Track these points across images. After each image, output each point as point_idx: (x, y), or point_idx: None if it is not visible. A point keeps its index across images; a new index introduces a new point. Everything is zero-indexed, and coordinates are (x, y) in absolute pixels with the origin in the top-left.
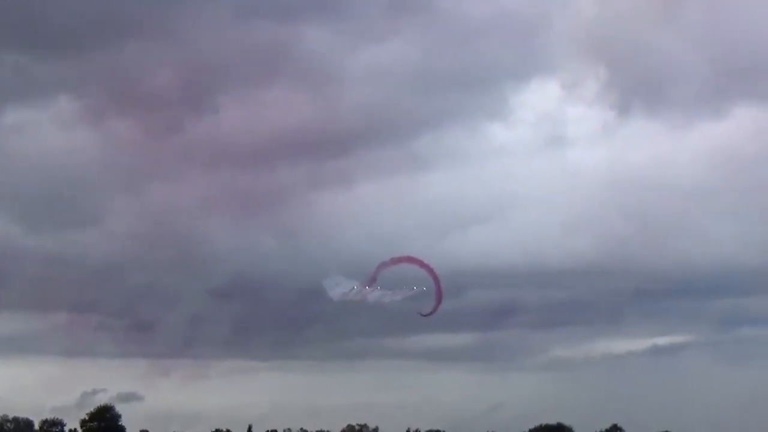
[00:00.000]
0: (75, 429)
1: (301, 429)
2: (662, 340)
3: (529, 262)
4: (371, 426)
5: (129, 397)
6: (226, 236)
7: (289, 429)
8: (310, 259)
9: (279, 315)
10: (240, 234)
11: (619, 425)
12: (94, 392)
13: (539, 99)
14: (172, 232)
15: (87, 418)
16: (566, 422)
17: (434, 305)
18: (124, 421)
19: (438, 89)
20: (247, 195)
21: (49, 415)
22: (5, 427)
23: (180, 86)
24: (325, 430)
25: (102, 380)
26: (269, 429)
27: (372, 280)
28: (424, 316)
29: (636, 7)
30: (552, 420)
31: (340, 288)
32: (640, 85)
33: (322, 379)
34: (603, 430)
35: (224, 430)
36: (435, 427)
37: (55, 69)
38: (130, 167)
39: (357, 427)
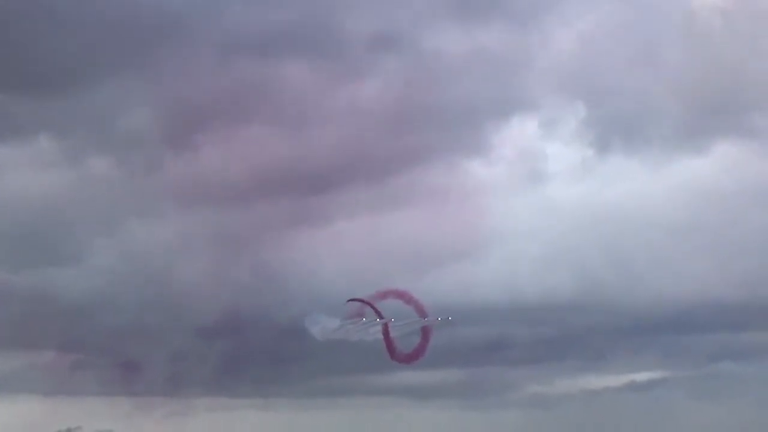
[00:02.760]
0: None
1: None
2: (640, 376)
3: (508, 299)
4: None
5: None
6: (206, 274)
7: None
8: (289, 296)
9: (260, 352)
10: (219, 272)
11: None
12: (69, 431)
13: (519, 136)
14: (152, 271)
15: None
16: None
17: (417, 350)
18: None
19: (417, 127)
20: (226, 233)
21: None
22: None
23: (160, 125)
24: None
25: (79, 418)
26: None
27: (356, 316)
28: (405, 363)
29: (614, 44)
30: None
31: (322, 325)
32: (618, 123)
33: (304, 416)
34: None
35: None
36: None
37: (35, 108)
38: (110, 206)
39: None
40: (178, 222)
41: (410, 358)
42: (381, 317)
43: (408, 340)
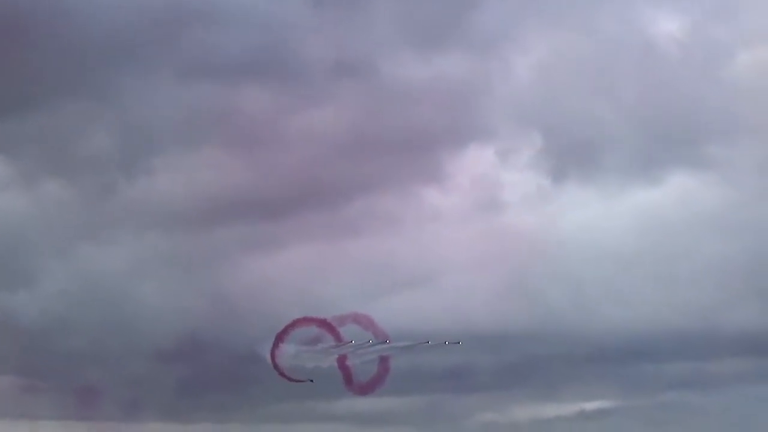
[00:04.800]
0: None
1: None
2: (590, 405)
3: (460, 327)
4: None
5: None
6: (161, 299)
7: None
8: (245, 322)
9: (215, 378)
10: (173, 297)
11: None
12: None
13: (475, 164)
14: (106, 295)
15: None
16: None
17: (374, 381)
18: None
19: (373, 153)
20: (181, 257)
21: None
22: None
23: (115, 148)
24: None
25: None
26: None
27: (313, 342)
28: (360, 394)
29: (572, 74)
30: None
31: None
32: (574, 152)
33: None
34: None
35: None
36: None
37: None
38: (65, 229)
39: None
40: (133, 246)
41: (366, 389)
42: (340, 341)
43: (367, 368)
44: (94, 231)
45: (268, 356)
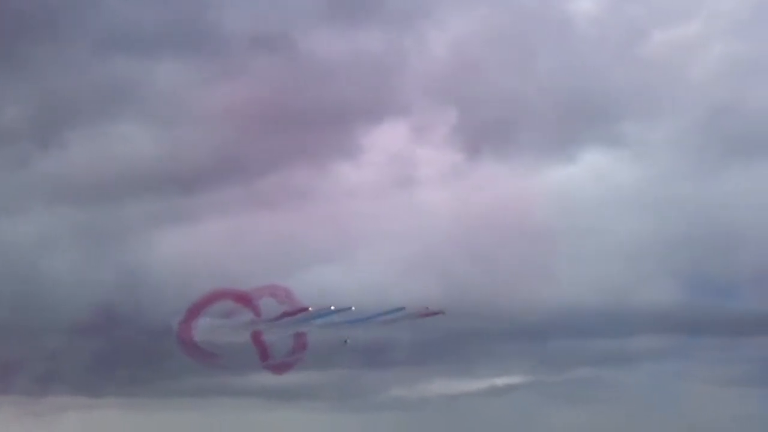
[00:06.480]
0: None
1: None
2: (501, 381)
3: (371, 302)
4: None
5: None
6: (73, 273)
7: None
8: (158, 296)
9: (127, 352)
10: (86, 271)
11: None
12: None
13: (390, 140)
14: (16, 268)
15: None
16: None
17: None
18: None
19: (288, 128)
20: (94, 231)
21: None
22: None
23: (28, 121)
24: None
25: None
26: None
27: (228, 315)
28: (276, 372)
29: (488, 50)
30: None
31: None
32: (489, 129)
33: (167, 416)
34: None
35: None
36: None
37: None
38: None
39: None
40: (45, 219)
41: (282, 368)
42: (258, 314)
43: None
44: (6, 203)
45: (176, 330)
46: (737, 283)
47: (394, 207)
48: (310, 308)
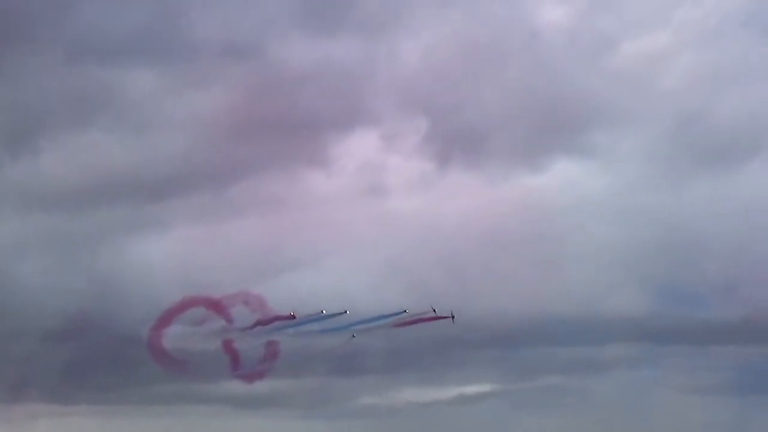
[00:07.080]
0: None
1: None
2: (469, 389)
3: (339, 310)
4: None
5: None
6: (43, 280)
7: None
8: (129, 303)
9: (99, 359)
10: (56, 278)
11: None
12: None
13: (360, 149)
14: None
15: None
16: None
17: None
18: None
19: (259, 136)
20: (65, 238)
21: None
22: None
23: (0, 128)
24: None
25: None
26: None
27: (199, 323)
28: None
29: (459, 60)
30: None
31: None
32: (459, 138)
33: (140, 423)
34: None
35: None
36: None
37: None
38: None
39: None
40: (16, 226)
41: (252, 377)
42: (230, 321)
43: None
44: None
45: (146, 338)
46: (706, 292)
47: (364, 215)
48: (292, 313)
